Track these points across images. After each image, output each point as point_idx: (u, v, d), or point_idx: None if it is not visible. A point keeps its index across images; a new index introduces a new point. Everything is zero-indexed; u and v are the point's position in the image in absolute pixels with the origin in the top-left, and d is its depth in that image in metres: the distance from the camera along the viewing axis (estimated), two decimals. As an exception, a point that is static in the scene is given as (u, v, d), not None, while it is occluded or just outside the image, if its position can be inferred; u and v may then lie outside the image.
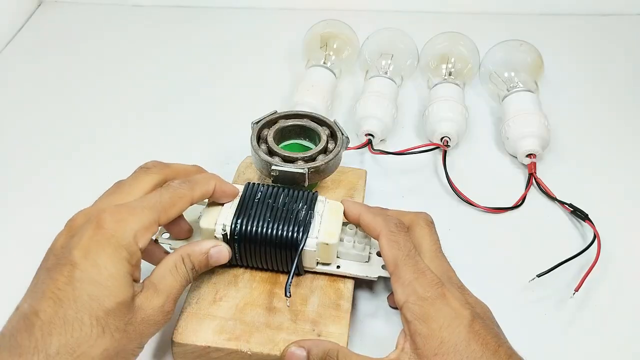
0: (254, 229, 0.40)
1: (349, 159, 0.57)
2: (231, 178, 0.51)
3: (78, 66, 0.71)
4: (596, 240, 0.47)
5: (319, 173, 0.45)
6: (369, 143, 0.57)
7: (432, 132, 0.58)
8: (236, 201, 0.42)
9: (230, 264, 0.42)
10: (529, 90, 0.59)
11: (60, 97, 0.66)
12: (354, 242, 0.42)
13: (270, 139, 0.46)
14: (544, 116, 0.57)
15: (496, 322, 0.38)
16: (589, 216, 0.50)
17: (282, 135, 0.48)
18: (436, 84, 0.61)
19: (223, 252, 0.40)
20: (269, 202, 0.42)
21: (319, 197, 0.43)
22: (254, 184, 0.43)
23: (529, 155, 0.56)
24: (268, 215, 0.41)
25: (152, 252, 0.41)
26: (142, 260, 0.36)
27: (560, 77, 0.68)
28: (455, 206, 0.53)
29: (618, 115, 0.64)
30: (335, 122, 0.48)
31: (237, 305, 0.40)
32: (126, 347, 0.33)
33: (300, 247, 0.40)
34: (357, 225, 0.43)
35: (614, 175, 0.57)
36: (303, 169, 0.44)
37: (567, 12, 0.81)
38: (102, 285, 0.32)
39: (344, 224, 0.43)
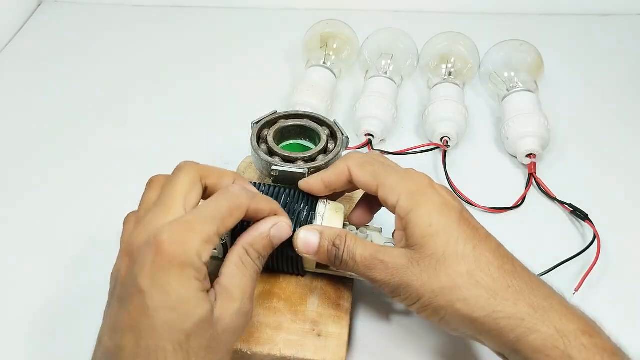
0: None
1: (349, 159, 0.56)
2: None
3: (78, 66, 0.71)
4: (596, 240, 0.47)
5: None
6: (369, 143, 0.57)
7: (432, 132, 0.58)
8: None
9: None
10: (529, 90, 0.59)
11: (61, 97, 0.66)
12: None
13: (270, 139, 0.46)
14: (544, 116, 0.57)
15: None
16: (589, 216, 0.50)
17: (282, 135, 0.48)
18: (436, 84, 0.61)
19: (284, 227, 0.37)
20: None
21: (320, 198, 0.43)
22: (254, 184, 0.43)
23: (528, 155, 0.56)
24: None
25: None
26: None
27: (560, 77, 0.68)
28: (455, 206, 0.53)
29: (618, 115, 0.64)
30: (335, 122, 0.48)
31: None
32: None
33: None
34: (327, 199, 0.42)
35: (614, 175, 0.57)
36: (303, 169, 0.44)
37: (567, 12, 0.81)
38: (176, 310, 0.30)
39: (345, 224, 0.43)
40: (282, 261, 0.41)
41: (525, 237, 0.50)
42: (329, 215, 0.42)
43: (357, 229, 0.43)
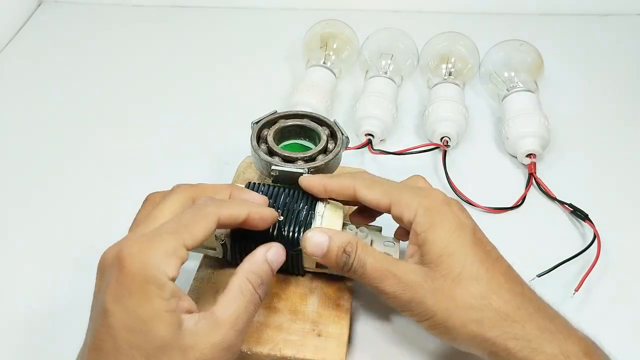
0: (252, 232, 0.40)
1: (349, 159, 0.56)
2: (231, 178, 0.51)
3: (78, 66, 0.71)
4: (596, 240, 0.47)
5: (319, 173, 0.45)
6: (369, 143, 0.57)
7: (432, 132, 0.58)
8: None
9: (231, 264, 0.42)
10: (529, 90, 0.59)
11: (61, 97, 0.66)
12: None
13: (270, 139, 0.46)
14: (544, 116, 0.57)
15: None
16: (589, 216, 0.50)
17: (282, 135, 0.48)
18: (436, 84, 0.61)
19: (278, 252, 0.36)
20: (269, 202, 0.42)
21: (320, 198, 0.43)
22: (254, 183, 0.43)
23: (529, 155, 0.56)
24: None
25: None
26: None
27: (560, 77, 0.68)
28: (455, 206, 0.53)
29: (618, 115, 0.64)
30: (335, 122, 0.48)
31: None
32: None
33: (300, 247, 0.40)
34: (327, 198, 0.42)
35: (614, 175, 0.57)
36: (303, 169, 0.44)
37: (567, 12, 0.81)
38: (137, 331, 0.29)
39: (344, 224, 0.43)
40: None
41: (525, 237, 0.50)
42: (328, 215, 0.42)
43: (357, 227, 0.43)
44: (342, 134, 0.47)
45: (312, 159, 0.45)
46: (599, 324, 0.43)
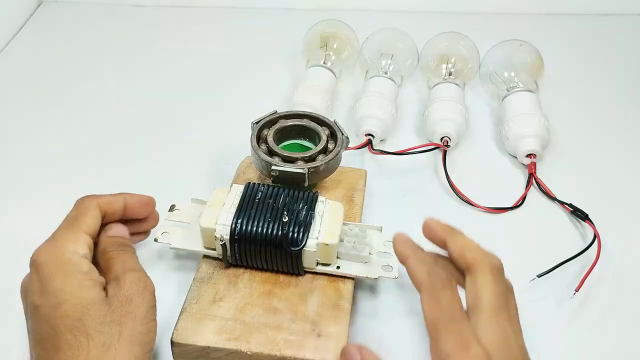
0: (254, 229, 0.40)
1: (349, 159, 0.56)
2: (231, 178, 0.51)
3: (78, 66, 0.71)
4: (596, 240, 0.47)
5: (319, 173, 0.45)
6: (369, 143, 0.57)
7: (432, 132, 0.58)
8: (236, 201, 0.42)
9: (231, 264, 0.42)
10: (529, 90, 0.59)
11: (60, 97, 0.66)
12: (354, 242, 0.42)
13: (270, 139, 0.46)
14: (544, 116, 0.57)
15: None
16: (589, 216, 0.50)
17: (282, 135, 0.48)
18: (436, 84, 0.61)
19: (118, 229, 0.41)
20: (269, 202, 0.42)
21: (320, 198, 0.43)
22: (254, 184, 0.43)
23: (529, 155, 0.56)
24: (268, 215, 0.41)
25: None
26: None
27: (560, 77, 0.68)
28: (455, 206, 0.53)
29: (618, 115, 0.64)
30: (335, 122, 0.48)
31: (237, 305, 0.40)
32: (134, 331, 0.34)
33: (300, 247, 0.40)
34: (325, 198, 0.43)
35: (614, 175, 0.57)
36: (303, 169, 0.44)
37: (567, 12, 0.81)
38: (64, 303, 0.34)
39: (345, 224, 0.43)
40: (280, 260, 0.41)
41: (525, 237, 0.50)
42: (328, 215, 0.42)
43: (357, 229, 0.43)
44: (342, 134, 0.47)
45: (312, 159, 0.45)
46: (599, 324, 0.44)
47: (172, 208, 0.45)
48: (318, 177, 0.46)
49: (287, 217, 0.40)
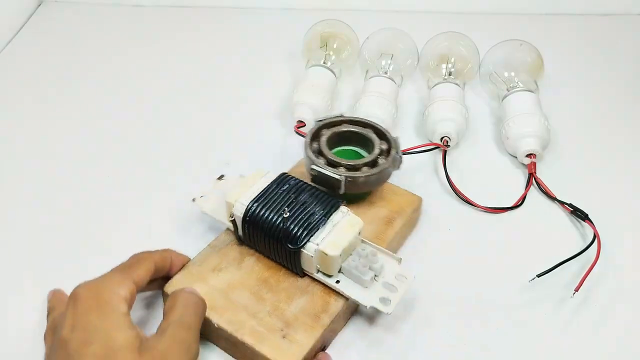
0: (265, 216, 0.41)
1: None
2: (231, 178, 0.51)
3: (78, 66, 0.71)
4: (596, 240, 0.47)
5: (357, 184, 0.45)
6: (369, 143, 0.57)
7: (432, 132, 0.58)
8: (263, 185, 0.43)
9: (243, 243, 0.43)
10: (529, 90, 0.59)
11: (60, 97, 0.66)
12: (359, 263, 0.40)
13: (322, 140, 0.46)
14: (544, 116, 0.57)
15: None
16: (589, 216, 0.50)
17: (341, 139, 0.48)
18: (436, 84, 0.61)
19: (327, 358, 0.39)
20: (291, 195, 0.42)
21: (342, 208, 0.42)
22: (287, 175, 0.43)
23: (529, 155, 0.56)
24: (285, 207, 0.41)
25: None
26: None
27: (560, 77, 0.68)
28: (455, 206, 0.53)
29: (618, 115, 0.64)
30: (395, 139, 0.47)
31: (231, 281, 0.41)
32: None
33: (298, 246, 0.40)
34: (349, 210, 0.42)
35: (614, 175, 0.57)
36: (340, 175, 0.43)
37: (567, 12, 0.81)
38: (96, 342, 0.32)
39: (363, 241, 0.42)
40: (281, 254, 0.41)
41: (525, 237, 0.50)
42: (342, 226, 0.41)
43: (371, 250, 0.41)
44: (397, 153, 0.46)
45: (355, 168, 0.45)
46: (599, 324, 0.44)
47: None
48: (356, 188, 0.45)
49: (287, 213, 0.40)
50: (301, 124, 0.58)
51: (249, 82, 0.69)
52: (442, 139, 0.57)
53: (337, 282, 0.41)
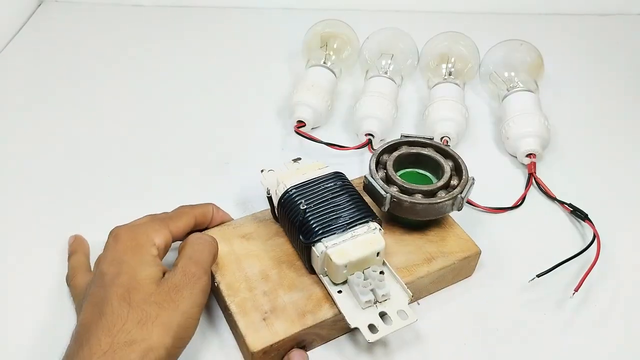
0: (295, 205, 0.41)
1: (349, 158, 0.57)
2: (230, 178, 0.51)
3: (78, 66, 0.71)
4: (596, 240, 0.47)
5: (403, 208, 0.43)
6: (369, 143, 0.57)
7: (432, 131, 0.58)
8: (311, 177, 0.43)
9: (278, 222, 0.45)
10: (529, 90, 0.59)
11: (60, 97, 0.66)
12: (361, 282, 0.39)
13: (389, 166, 0.44)
14: (544, 116, 0.57)
15: None
16: (589, 216, 0.50)
17: (401, 161, 0.47)
18: (436, 84, 0.61)
19: (302, 355, 0.40)
20: (329, 194, 0.42)
21: (371, 224, 0.41)
22: (339, 175, 0.44)
23: (529, 155, 0.56)
24: (316, 204, 0.41)
25: None
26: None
27: (560, 77, 0.68)
28: (455, 206, 0.53)
29: (618, 115, 0.64)
30: (459, 156, 0.46)
31: (250, 251, 0.43)
32: (171, 320, 0.35)
33: (308, 241, 0.40)
34: (379, 225, 0.41)
35: (614, 175, 0.57)
36: (385, 193, 0.42)
37: (567, 12, 0.81)
38: (122, 274, 0.36)
39: (372, 265, 0.40)
40: (297, 244, 0.42)
41: (525, 237, 0.50)
42: (361, 240, 0.40)
43: (378, 276, 0.39)
44: (468, 173, 0.45)
45: (432, 193, 0.43)
46: (599, 324, 0.44)
47: (296, 160, 0.47)
48: (402, 211, 0.43)
49: (305, 205, 0.41)
50: (301, 124, 0.58)
51: (249, 82, 0.69)
52: (442, 138, 0.57)
53: (340, 292, 0.40)
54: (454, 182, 0.45)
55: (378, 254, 0.40)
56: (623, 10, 0.81)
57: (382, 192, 0.43)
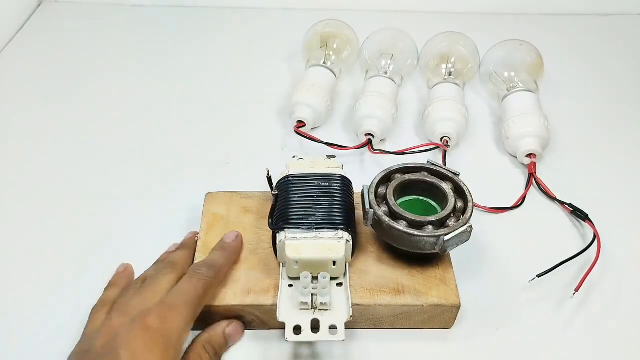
0: (286, 191, 0.43)
1: (349, 158, 0.57)
2: (230, 178, 0.51)
3: (78, 66, 0.71)
4: (596, 240, 0.47)
5: (382, 229, 0.41)
6: (369, 143, 0.57)
7: (432, 132, 0.58)
8: (314, 172, 0.45)
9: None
10: (529, 90, 0.59)
11: (60, 97, 0.66)
12: (305, 284, 0.38)
13: (390, 199, 0.42)
14: (544, 116, 0.57)
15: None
16: (589, 216, 0.50)
17: (400, 191, 0.44)
18: (436, 84, 0.61)
19: (237, 328, 0.41)
20: (316, 192, 0.43)
21: (339, 232, 0.40)
22: (340, 178, 0.44)
23: (529, 155, 0.56)
24: (301, 196, 0.42)
25: None
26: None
27: (560, 77, 0.68)
28: (455, 206, 0.53)
29: (618, 115, 0.64)
30: (457, 174, 0.44)
31: (243, 222, 0.46)
32: None
33: (273, 227, 0.41)
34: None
35: (614, 175, 0.57)
36: (369, 208, 0.41)
37: (567, 12, 0.81)
38: None
39: (326, 272, 0.39)
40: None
41: (525, 237, 0.50)
42: (321, 243, 0.40)
43: (324, 282, 0.38)
44: (470, 195, 0.43)
45: (442, 223, 0.41)
46: (599, 323, 0.44)
47: (330, 157, 0.47)
48: (382, 232, 0.42)
49: (276, 191, 0.43)
50: (301, 124, 0.58)
51: (249, 82, 0.69)
52: (442, 138, 0.57)
53: (290, 286, 0.40)
54: (460, 204, 0.43)
55: (335, 263, 0.39)
56: (623, 10, 0.81)
57: (367, 206, 0.41)
